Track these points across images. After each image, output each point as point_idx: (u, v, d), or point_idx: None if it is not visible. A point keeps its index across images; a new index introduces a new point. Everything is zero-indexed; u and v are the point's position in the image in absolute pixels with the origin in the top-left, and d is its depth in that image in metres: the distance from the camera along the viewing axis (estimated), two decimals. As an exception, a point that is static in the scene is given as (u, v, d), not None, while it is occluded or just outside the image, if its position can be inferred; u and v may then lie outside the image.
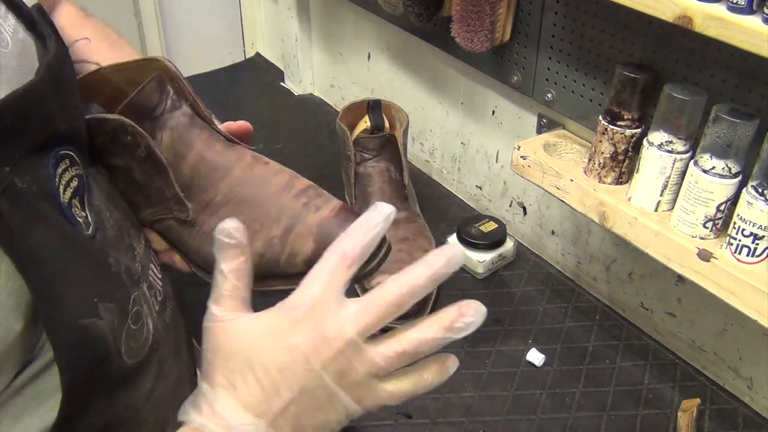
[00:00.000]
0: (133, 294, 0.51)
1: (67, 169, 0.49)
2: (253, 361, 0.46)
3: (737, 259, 0.66)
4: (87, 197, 0.52)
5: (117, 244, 0.53)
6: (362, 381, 0.46)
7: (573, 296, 0.93)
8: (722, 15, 0.56)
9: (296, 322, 0.46)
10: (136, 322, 0.51)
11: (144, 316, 0.53)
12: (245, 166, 0.62)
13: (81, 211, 0.50)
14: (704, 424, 0.77)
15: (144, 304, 0.53)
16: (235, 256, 0.49)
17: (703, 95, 0.68)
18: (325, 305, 0.46)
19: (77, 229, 0.48)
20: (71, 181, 0.50)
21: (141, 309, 0.52)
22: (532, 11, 0.85)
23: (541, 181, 0.82)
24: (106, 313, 0.46)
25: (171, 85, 0.64)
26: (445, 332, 0.48)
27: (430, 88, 1.13)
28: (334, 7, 1.28)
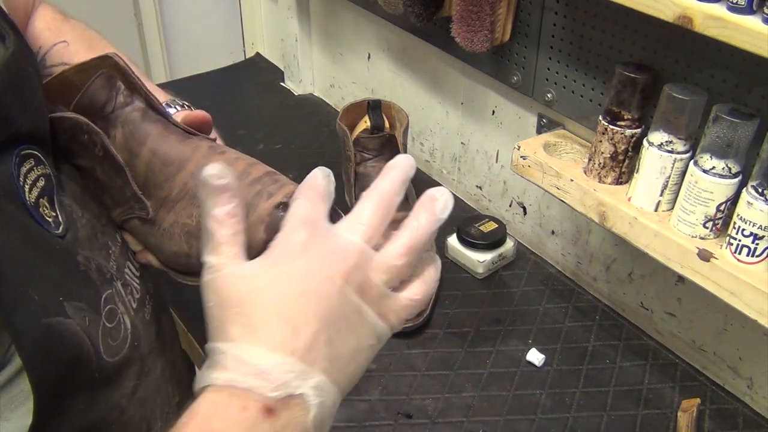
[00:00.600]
0: (105, 293, 0.50)
1: (32, 168, 0.49)
2: (269, 298, 0.42)
3: (737, 259, 0.66)
4: (57, 197, 0.51)
5: (89, 243, 0.52)
6: (382, 293, 0.44)
7: (573, 296, 0.94)
8: (722, 15, 0.56)
9: (302, 249, 0.43)
10: (111, 320, 0.50)
11: (120, 314, 0.52)
12: (200, 158, 0.59)
13: (50, 211, 0.49)
14: (704, 424, 0.77)
15: (119, 302, 0.52)
16: (228, 199, 0.44)
17: (703, 95, 0.68)
18: (321, 228, 0.44)
19: (45, 228, 0.47)
20: (37, 180, 0.49)
21: (115, 307, 0.51)
22: (532, 11, 0.85)
23: (541, 181, 0.82)
24: (74, 312, 0.45)
25: (122, 80, 0.62)
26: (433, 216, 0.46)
27: (430, 88, 1.13)
28: (334, 7, 1.28)
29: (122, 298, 0.53)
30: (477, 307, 0.91)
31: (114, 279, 0.53)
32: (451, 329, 0.88)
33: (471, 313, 0.90)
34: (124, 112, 0.61)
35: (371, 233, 0.44)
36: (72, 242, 0.50)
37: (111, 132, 0.61)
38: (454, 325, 0.88)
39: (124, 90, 0.62)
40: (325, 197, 0.46)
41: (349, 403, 0.76)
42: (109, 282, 0.52)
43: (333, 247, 0.43)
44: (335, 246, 0.43)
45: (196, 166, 0.58)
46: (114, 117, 0.61)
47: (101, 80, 0.61)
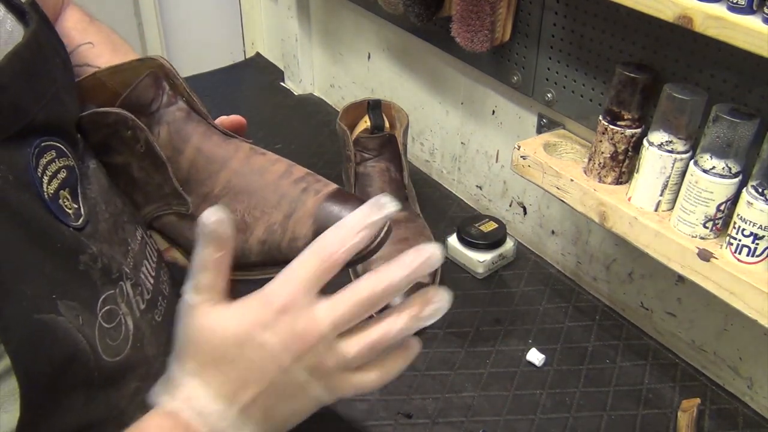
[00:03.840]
0: (105, 293, 0.51)
1: (52, 160, 0.49)
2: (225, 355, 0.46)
3: (737, 259, 0.66)
4: (81, 189, 0.52)
5: (108, 238, 0.53)
6: (333, 373, 0.47)
7: (573, 296, 0.94)
8: (722, 15, 0.56)
9: (269, 319, 0.46)
10: (110, 321, 0.50)
11: (122, 315, 0.52)
12: (243, 157, 0.63)
13: (72, 203, 0.50)
14: (704, 424, 0.77)
15: (122, 303, 0.53)
16: (219, 247, 0.48)
17: (703, 95, 0.68)
18: (298, 303, 0.46)
19: (61, 219, 0.48)
20: (58, 172, 0.50)
21: (116, 308, 0.52)
22: (532, 11, 0.85)
23: (541, 181, 0.82)
24: (66, 310, 0.46)
25: (167, 81, 0.65)
26: (414, 321, 0.48)
27: (430, 88, 1.13)
28: (334, 7, 1.28)
29: (127, 299, 0.53)
30: (477, 307, 0.91)
31: (123, 278, 0.53)
32: (451, 329, 0.88)
33: (471, 313, 0.90)
34: (168, 111, 0.65)
35: (343, 323, 0.47)
36: (88, 236, 0.51)
37: (154, 129, 0.64)
38: (454, 325, 0.88)
39: (169, 90, 0.65)
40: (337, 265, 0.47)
41: (349, 403, 0.76)
42: (113, 282, 0.52)
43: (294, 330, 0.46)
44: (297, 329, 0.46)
45: (239, 165, 0.62)
46: (158, 116, 0.64)
47: (149, 79, 0.65)
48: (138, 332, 0.53)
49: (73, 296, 0.47)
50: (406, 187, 0.98)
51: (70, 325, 0.46)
